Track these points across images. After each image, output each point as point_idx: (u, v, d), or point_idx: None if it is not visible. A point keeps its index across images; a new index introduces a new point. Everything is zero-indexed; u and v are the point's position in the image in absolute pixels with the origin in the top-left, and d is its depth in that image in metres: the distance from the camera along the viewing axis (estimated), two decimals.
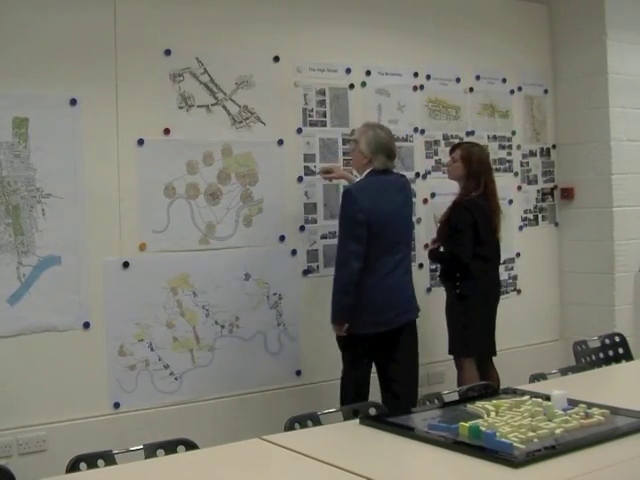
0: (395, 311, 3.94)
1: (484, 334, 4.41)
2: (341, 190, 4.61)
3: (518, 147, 5.45)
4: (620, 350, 4.01)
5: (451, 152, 4.50)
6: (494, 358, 4.53)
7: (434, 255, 4.54)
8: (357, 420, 2.66)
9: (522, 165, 5.48)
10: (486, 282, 4.39)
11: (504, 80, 5.37)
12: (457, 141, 5.11)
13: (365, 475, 2.10)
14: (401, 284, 4.00)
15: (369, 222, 3.82)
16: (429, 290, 4.99)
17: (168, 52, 4.06)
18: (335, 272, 3.92)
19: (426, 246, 4.84)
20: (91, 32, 3.84)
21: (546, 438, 2.28)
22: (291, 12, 4.45)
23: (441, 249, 4.48)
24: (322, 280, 4.48)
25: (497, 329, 5.24)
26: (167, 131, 4.06)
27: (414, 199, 4.90)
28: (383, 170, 3.98)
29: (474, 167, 4.32)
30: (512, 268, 5.40)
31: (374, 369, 4.08)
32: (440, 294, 5.04)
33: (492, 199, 4.37)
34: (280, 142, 4.41)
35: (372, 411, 2.86)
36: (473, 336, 4.35)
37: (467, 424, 2.34)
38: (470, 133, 5.19)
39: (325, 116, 4.59)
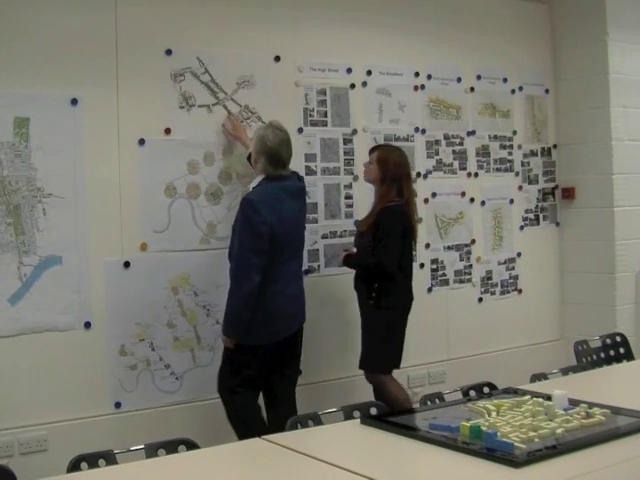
0: (292, 319, 3.82)
1: (401, 348, 4.17)
2: (342, 191, 4.63)
3: (519, 147, 5.45)
4: (621, 350, 4.01)
5: (370, 153, 4.25)
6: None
7: (353, 261, 4.17)
8: (358, 420, 2.66)
9: (523, 165, 5.48)
10: (404, 294, 4.17)
11: (505, 80, 5.37)
12: (458, 141, 5.12)
13: (366, 475, 2.10)
14: (299, 291, 3.88)
15: (272, 234, 3.63)
16: (430, 290, 4.99)
17: (169, 52, 4.06)
18: (233, 284, 3.67)
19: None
20: (92, 32, 3.84)
21: (547, 438, 2.28)
22: (292, 12, 4.46)
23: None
24: (323, 280, 4.50)
25: (498, 328, 5.27)
26: (168, 131, 4.06)
27: (415, 199, 4.91)
28: (279, 175, 3.75)
29: (390, 171, 4.07)
30: (513, 268, 5.40)
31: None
32: (443, 293, 5.06)
33: (411, 207, 4.14)
34: None
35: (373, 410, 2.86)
36: (394, 351, 4.12)
37: (468, 424, 2.34)
38: (471, 133, 5.19)
39: (326, 116, 4.59)
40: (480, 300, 5.22)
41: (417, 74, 4.95)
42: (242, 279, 3.63)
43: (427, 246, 4.96)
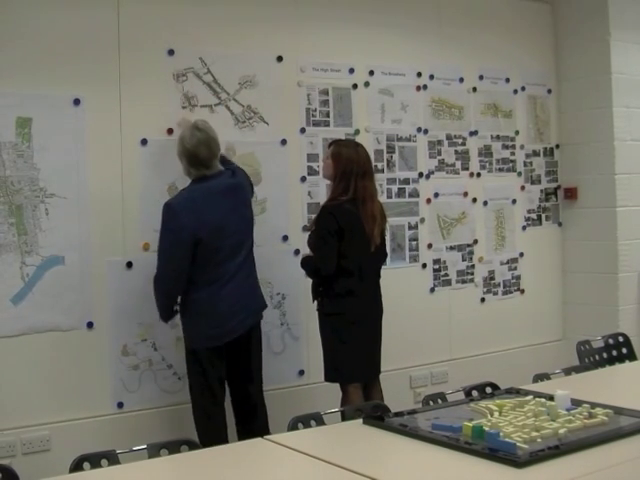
0: (237, 319, 3.69)
1: (357, 359, 3.90)
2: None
3: (521, 147, 5.45)
4: (624, 350, 4.01)
5: (328, 148, 4.09)
6: (380, 376, 4.09)
7: (301, 263, 4.09)
8: (360, 420, 2.65)
9: (525, 165, 5.48)
10: (354, 300, 3.88)
11: (507, 80, 5.36)
12: (460, 141, 5.12)
13: (368, 475, 2.10)
14: (244, 289, 3.74)
15: (195, 239, 3.54)
16: (432, 290, 4.98)
17: (171, 52, 4.06)
18: (154, 291, 3.69)
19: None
20: (94, 32, 3.85)
21: (550, 438, 2.28)
22: (294, 12, 4.46)
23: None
24: None
25: (500, 328, 5.25)
26: (170, 131, 4.06)
27: (417, 199, 4.92)
28: (203, 175, 3.67)
29: (341, 167, 3.88)
30: (515, 268, 5.39)
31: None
32: (445, 294, 5.06)
33: (364, 205, 3.87)
34: (283, 142, 4.41)
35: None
36: (345, 361, 3.90)
37: (470, 424, 2.34)
38: (473, 133, 5.19)
39: (328, 116, 4.59)
40: (482, 300, 5.22)
41: (419, 74, 4.95)
42: (159, 285, 3.66)
43: (429, 246, 4.96)
